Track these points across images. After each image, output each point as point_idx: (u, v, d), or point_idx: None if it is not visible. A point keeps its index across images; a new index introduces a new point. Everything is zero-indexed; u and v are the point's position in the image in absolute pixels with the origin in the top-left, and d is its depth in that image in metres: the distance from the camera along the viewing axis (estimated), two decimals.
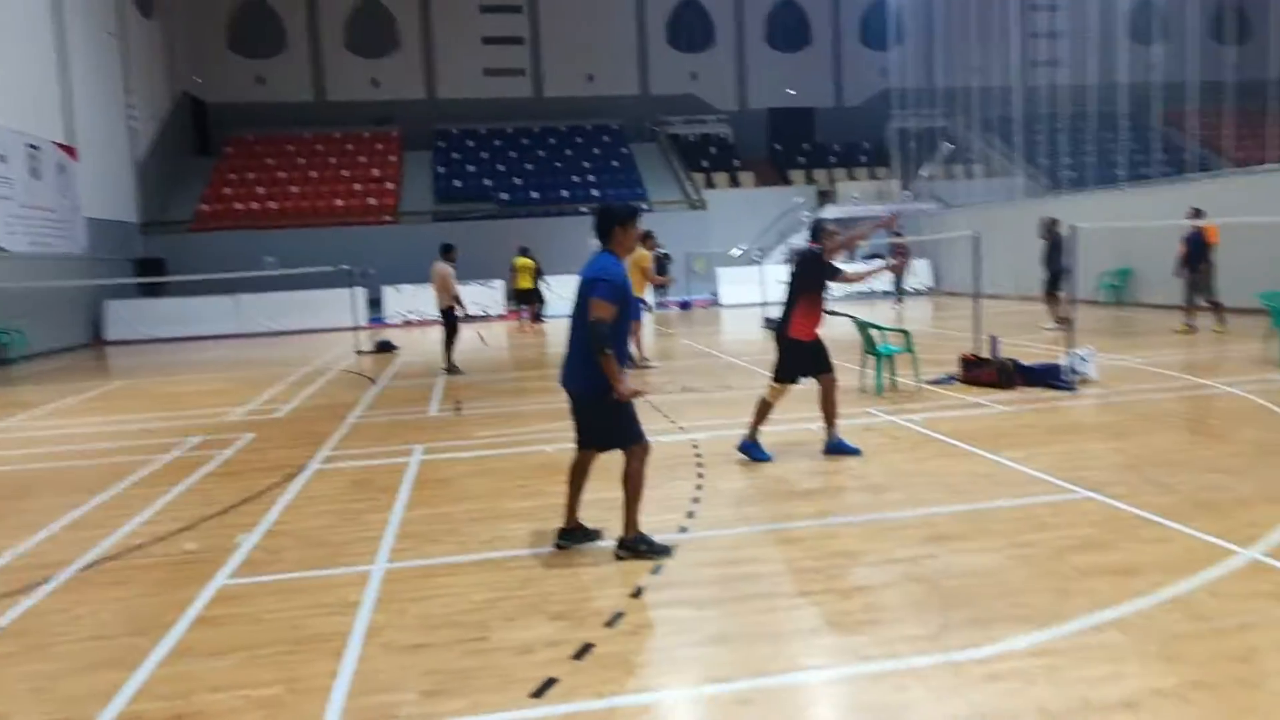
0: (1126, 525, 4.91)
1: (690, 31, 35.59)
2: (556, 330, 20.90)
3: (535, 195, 30.37)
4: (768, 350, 14.67)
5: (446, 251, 13.20)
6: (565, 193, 30.57)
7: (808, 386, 6.96)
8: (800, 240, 27.92)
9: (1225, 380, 9.38)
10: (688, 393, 10.31)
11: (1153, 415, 7.94)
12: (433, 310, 14.59)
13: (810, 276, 6.67)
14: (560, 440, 7.78)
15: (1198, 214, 13.40)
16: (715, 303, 26.31)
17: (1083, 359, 9.62)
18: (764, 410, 6.81)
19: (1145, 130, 21.62)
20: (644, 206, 29.57)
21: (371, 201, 29.67)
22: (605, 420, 4.69)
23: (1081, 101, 22.45)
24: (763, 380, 11.07)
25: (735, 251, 27.76)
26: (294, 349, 18.78)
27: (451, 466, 7.14)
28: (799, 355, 6.71)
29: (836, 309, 16.01)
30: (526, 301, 22.48)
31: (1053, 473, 6.04)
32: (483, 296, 24.54)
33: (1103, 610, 3.80)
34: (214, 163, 30.66)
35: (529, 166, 31.92)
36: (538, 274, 22.62)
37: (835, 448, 6.82)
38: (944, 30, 28.34)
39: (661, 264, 21.38)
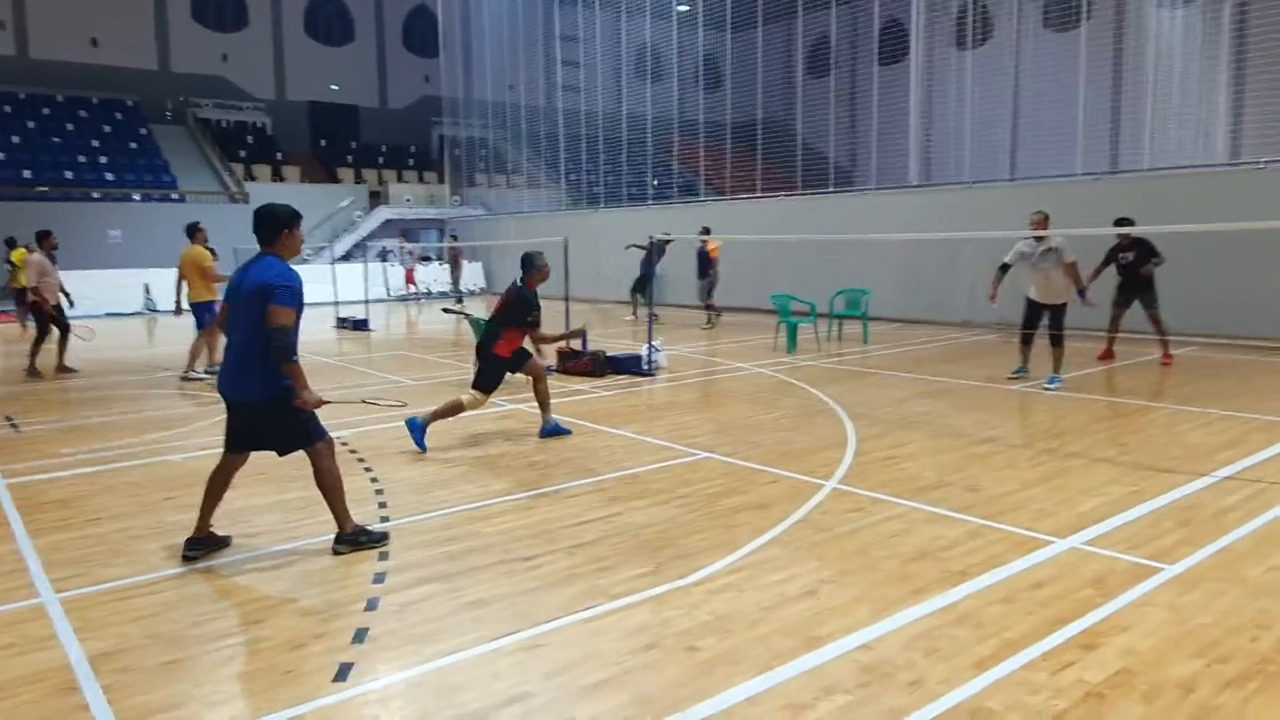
0: (745, 474, 6.23)
1: (220, 8, 32.54)
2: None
3: (27, 174, 25.39)
4: (351, 351, 14.53)
5: (40, 239, 11.59)
6: (69, 173, 26.07)
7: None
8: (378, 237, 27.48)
9: (753, 364, 11.78)
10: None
11: (719, 392, 9.78)
12: None
13: (517, 314, 7.30)
14: (181, 450, 7.15)
15: (705, 231, 16.37)
16: None
17: (655, 349, 11.35)
18: (453, 410, 7.16)
19: (666, 157, 25.40)
20: (174, 196, 26.56)
21: None
22: (285, 424, 4.63)
23: (613, 128, 25.56)
24: (365, 378, 11.05)
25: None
26: None
27: (60, 487, 6.14)
28: (499, 369, 7.33)
29: (453, 307, 16.43)
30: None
31: (672, 441, 7.27)
32: None
33: (761, 535, 4.91)
34: None
35: (15, 139, 26.55)
36: None
37: (552, 430, 7.54)
38: (487, 45, 29.93)
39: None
